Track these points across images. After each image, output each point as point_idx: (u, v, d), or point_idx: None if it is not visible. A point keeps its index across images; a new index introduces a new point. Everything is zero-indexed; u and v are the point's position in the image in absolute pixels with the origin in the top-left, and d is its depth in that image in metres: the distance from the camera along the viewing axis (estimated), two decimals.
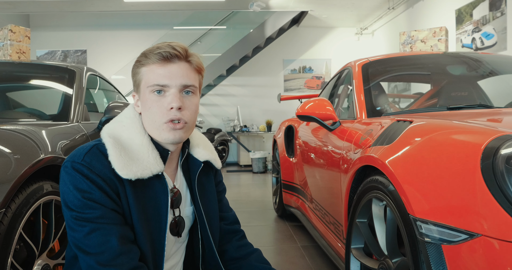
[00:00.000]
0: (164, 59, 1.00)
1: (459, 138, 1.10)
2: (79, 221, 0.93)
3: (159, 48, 1.01)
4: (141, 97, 1.04)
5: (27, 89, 2.74)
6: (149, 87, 1.01)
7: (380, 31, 8.50)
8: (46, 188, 1.50)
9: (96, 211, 0.93)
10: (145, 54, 1.02)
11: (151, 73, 1.01)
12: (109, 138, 1.00)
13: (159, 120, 1.01)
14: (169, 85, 1.00)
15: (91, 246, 0.92)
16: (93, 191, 0.94)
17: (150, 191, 1.02)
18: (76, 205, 0.93)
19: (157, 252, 1.03)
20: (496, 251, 0.84)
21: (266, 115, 8.76)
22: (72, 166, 0.95)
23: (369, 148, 1.45)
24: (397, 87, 6.91)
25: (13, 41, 2.93)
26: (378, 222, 1.35)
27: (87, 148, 0.99)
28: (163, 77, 1.00)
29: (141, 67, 1.03)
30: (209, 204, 1.17)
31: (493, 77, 2.36)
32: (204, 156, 1.15)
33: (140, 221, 0.99)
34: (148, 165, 0.99)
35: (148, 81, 1.01)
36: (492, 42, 4.72)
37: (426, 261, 0.98)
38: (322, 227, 2.26)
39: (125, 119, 1.06)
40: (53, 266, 1.55)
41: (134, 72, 1.05)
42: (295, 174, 3.12)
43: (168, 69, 1.00)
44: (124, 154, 0.98)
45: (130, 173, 0.96)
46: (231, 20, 8.67)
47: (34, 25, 8.55)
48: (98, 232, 0.93)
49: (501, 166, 0.91)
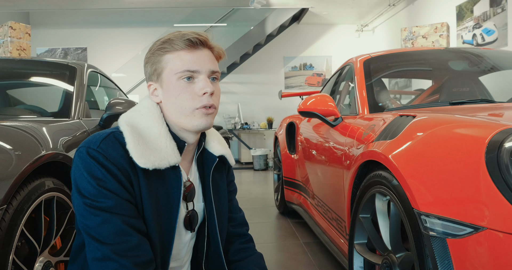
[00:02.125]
0: (192, 45, 0.99)
1: (463, 132, 1.09)
2: (93, 209, 0.91)
3: (185, 35, 0.99)
4: (165, 85, 1.01)
5: (28, 86, 2.73)
6: (177, 74, 0.99)
7: (381, 28, 8.48)
8: (48, 185, 1.50)
9: (110, 201, 0.91)
10: (168, 41, 1.00)
11: (178, 60, 0.99)
12: (126, 126, 0.98)
13: (190, 107, 0.99)
14: (199, 71, 0.99)
15: (105, 236, 0.90)
16: (108, 180, 0.92)
17: (163, 182, 1.01)
18: (91, 192, 0.91)
19: (165, 245, 1.02)
20: (502, 244, 0.83)
21: (267, 113, 8.76)
22: (88, 151, 0.93)
23: (372, 143, 1.44)
24: (398, 83, 6.90)
25: (13, 38, 2.92)
26: (382, 217, 1.35)
27: (104, 134, 0.97)
28: (193, 63, 0.99)
29: (166, 54, 1.00)
30: (220, 202, 1.16)
31: (495, 73, 2.35)
32: (219, 151, 1.14)
33: (151, 212, 0.97)
34: (166, 156, 0.98)
35: (175, 67, 0.99)
36: (492, 38, 4.71)
37: (431, 255, 0.98)
38: (325, 223, 2.26)
39: (143, 109, 1.04)
40: (55, 263, 1.55)
41: (154, 60, 1.02)
42: (296, 171, 3.11)
43: (197, 55, 1.00)
44: (142, 143, 0.96)
45: (148, 162, 0.94)
46: (231, 17, 8.65)
47: (34, 22, 8.54)
48: (113, 222, 0.91)
49: (505, 159, 0.90)
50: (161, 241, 1.01)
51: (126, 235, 0.91)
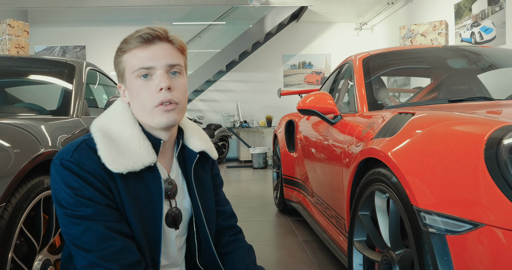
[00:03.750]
0: (145, 41, 0.98)
1: (462, 129, 1.09)
2: (73, 219, 0.92)
3: (138, 32, 0.99)
4: (128, 85, 1.02)
5: (26, 84, 2.72)
6: (134, 72, 0.98)
7: (379, 26, 8.48)
8: (47, 183, 1.50)
9: (90, 209, 0.92)
10: (125, 41, 1.00)
11: (134, 58, 0.98)
12: (98, 132, 0.98)
13: (149, 104, 0.98)
14: (154, 67, 0.98)
15: (89, 243, 0.91)
16: (84, 188, 0.92)
17: (142, 183, 1.00)
18: (69, 202, 0.92)
19: (152, 245, 1.02)
20: (501, 240, 0.83)
21: (266, 111, 8.75)
22: (61, 163, 0.94)
23: (371, 140, 1.44)
24: (397, 82, 6.90)
25: (11, 36, 2.91)
26: (381, 214, 1.35)
27: (75, 144, 0.97)
28: (147, 60, 0.97)
29: (123, 55, 1.00)
30: (205, 196, 1.16)
31: (493, 71, 2.35)
32: (199, 147, 1.13)
33: (134, 214, 0.97)
34: (140, 157, 0.97)
35: (132, 66, 0.99)
36: (491, 36, 4.71)
37: (430, 251, 0.98)
38: (324, 221, 2.26)
39: (114, 112, 1.04)
40: (54, 262, 1.55)
41: (116, 62, 1.03)
42: (296, 169, 3.11)
43: (151, 50, 0.98)
44: (114, 147, 0.96)
45: (120, 166, 0.94)
46: (230, 16, 8.64)
47: (33, 20, 8.52)
48: (95, 229, 0.91)
49: (504, 156, 0.90)
50: (148, 241, 1.01)
51: (110, 240, 0.92)
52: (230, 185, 5.32)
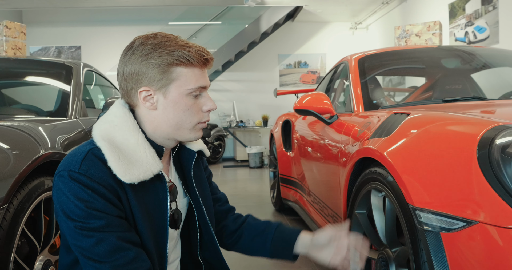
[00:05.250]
0: (204, 63, 1.02)
1: (455, 129, 1.12)
2: (85, 231, 0.90)
3: (200, 52, 0.99)
4: (171, 97, 0.99)
5: (24, 85, 2.73)
6: (188, 89, 0.99)
7: (374, 25, 8.52)
8: (47, 184, 1.51)
9: (101, 221, 0.90)
10: (187, 56, 0.97)
11: (192, 76, 0.99)
12: (103, 141, 0.95)
13: (193, 121, 1.02)
14: (206, 87, 1.04)
15: (102, 255, 0.90)
16: (95, 200, 0.90)
17: (150, 190, 1.01)
18: (79, 215, 0.89)
19: (161, 249, 1.03)
20: (493, 237, 0.86)
21: (262, 110, 8.77)
22: (70, 175, 0.90)
23: (367, 140, 1.46)
24: (392, 81, 6.94)
25: (8, 37, 2.91)
26: (377, 212, 1.37)
27: (81, 154, 0.94)
28: (204, 81, 1.02)
29: (179, 67, 0.98)
30: (204, 192, 1.19)
31: (486, 70, 2.38)
32: (197, 146, 1.17)
33: (144, 221, 0.98)
34: (148, 166, 0.96)
35: (188, 83, 0.99)
36: (484, 35, 4.76)
37: (426, 249, 1.00)
38: (321, 219, 2.29)
39: (115, 119, 1.00)
40: (55, 262, 1.56)
41: (163, 69, 0.98)
42: (292, 168, 3.14)
43: (206, 73, 1.04)
44: (123, 157, 0.94)
45: (133, 177, 0.93)
46: (226, 16, 8.64)
47: (27, 21, 8.47)
48: (108, 240, 0.90)
49: (497, 155, 0.93)
50: (156, 247, 1.01)
51: (122, 251, 0.91)
52: (226, 185, 5.33)
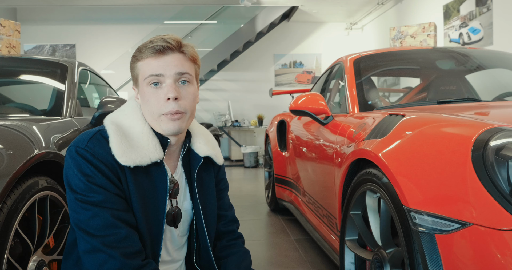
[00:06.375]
0: (157, 52, 1.03)
1: (450, 131, 1.13)
2: (84, 204, 0.97)
3: (152, 42, 1.04)
4: (140, 90, 1.08)
5: (18, 84, 2.71)
6: (145, 80, 1.04)
7: (370, 26, 8.55)
8: (42, 184, 1.50)
9: (100, 195, 0.97)
10: (139, 50, 1.06)
11: (146, 66, 1.04)
12: (111, 125, 1.04)
13: (157, 112, 1.04)
14: (163, 74, 1.03)
15: (95, 228, 0.96)
16: (96, 176, 0.98)
17: (149, 177, 1.06)
18: (81, 188, 0.97)
19: (154, 238, 1.07)
20: (487, 239, 0.87)
21: (257, 110, 8.77)
22: (77, 151, 1.00)
23: (363, 141, 1.47)
24: (387, 81, 6.97)
25: (2, 35, 2.88)
26: (372, 213, 1.38)
27: (91, 133, 1.03)
28: (157, 67, 1.03)
29: (137, 62, 1.06)
30: (207, 200, 1.19)
31: (481, 71, 2.40)
32: (205, 152, 1.17)
33: (139, 207, 1.03)
34: (147, 153, 1.03)
35: (144, 74, 1.05)
36: (478, 37, 4.79)
37: (420, 250, 1.01)
38: (316, 220, 2.29)
39: (126, 108, 1.11)
40: (48, 262, 1.55)
41: (131, 67, 1.09)
42: (287, 168, 3.14)
43: (163, 60, 1.03)
44: (125, 141, 1.02)
45: (128, 160, 1.00)
46: (222, 15, 8.63)
47: (22, 18, 8.41)
48: (102, 215, 0.97)
49: (491, 157, 0.94)
50: (150, 234, 1.05)
51: (115, 228, 0.97)
52: None
